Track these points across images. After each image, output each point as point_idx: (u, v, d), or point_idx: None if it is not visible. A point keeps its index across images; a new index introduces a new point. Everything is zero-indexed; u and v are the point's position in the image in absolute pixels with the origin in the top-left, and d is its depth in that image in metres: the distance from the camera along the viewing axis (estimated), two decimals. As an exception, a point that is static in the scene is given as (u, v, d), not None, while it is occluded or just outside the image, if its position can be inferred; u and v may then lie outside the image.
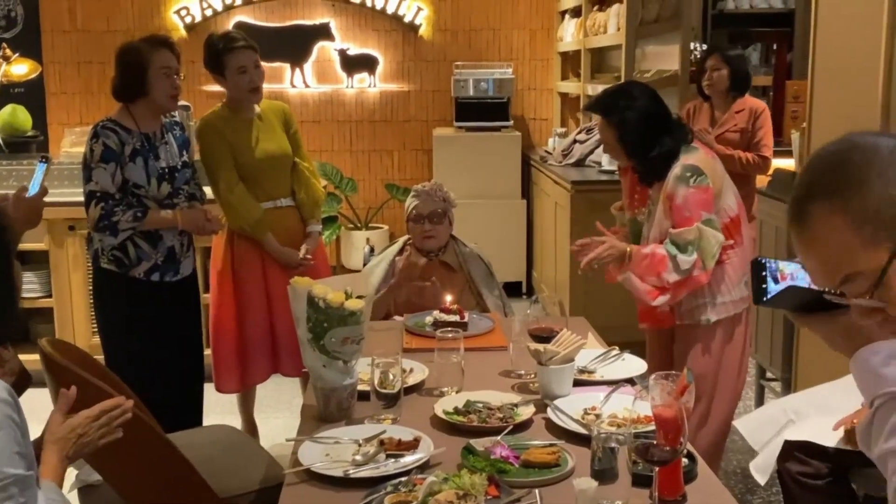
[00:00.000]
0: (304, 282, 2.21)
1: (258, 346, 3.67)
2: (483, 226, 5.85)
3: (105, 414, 1.86)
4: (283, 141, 3.66)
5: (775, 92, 6.61)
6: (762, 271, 1.39)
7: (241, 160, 3.55)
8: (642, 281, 2.85)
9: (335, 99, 6.78)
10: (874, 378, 1.18)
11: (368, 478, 1.85)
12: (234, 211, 3.55)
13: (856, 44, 3.25)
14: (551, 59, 6.90)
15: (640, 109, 2.87)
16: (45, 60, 6.46)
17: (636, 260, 2.83)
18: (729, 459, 3.70)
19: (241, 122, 3.58)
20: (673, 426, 1.68)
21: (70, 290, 4.56)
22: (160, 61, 3.17)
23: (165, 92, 3.19)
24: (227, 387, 3.72)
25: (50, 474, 1.76)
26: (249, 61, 3.51)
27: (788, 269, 1.40)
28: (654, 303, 2.85)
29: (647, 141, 2.85)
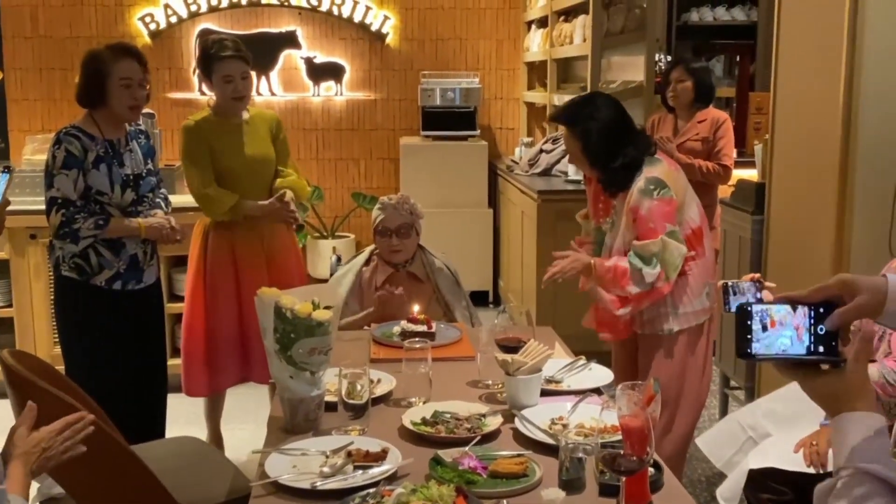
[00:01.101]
0: (271, 292, 2.20)
1: (228, 351, 3.65)
2: (449, 235, 5.86)
3: (69, 427, 1.84)
4: (267, 147, 3.66)
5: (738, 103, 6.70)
6: (748, 320, 1.25)
7: (222, 163, 3.55)
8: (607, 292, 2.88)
9: (301, 107, 6.77)
10: (848, 449, 1.19)
11: (336, 489, 1.84)
12: (209, 201, 3.55)
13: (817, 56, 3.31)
14: (518, 69, 6.94)
15: (603, 120, 2.90)
16: (7, 66, 6.38)
17: (599, 273, 2.87)
18: (693, 468, 3.73)
19: (226, 126, 3.59)
20: (639, 436, 1.70)
21: (31, 299, 4.49)
22: (121, 71, 3.13)
23: (123, 102, 3.16)
24: (195, 390, 3.70)
25: (16, 488, 1.75)
26: (237, 71, 3.51)
27: (778, 314, 1.25)
28: (618, 312, 2.89)
29: (609, 152, 2.89)
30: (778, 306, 1.26)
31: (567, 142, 3.00)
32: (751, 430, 2.64)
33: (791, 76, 3.58)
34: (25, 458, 1.79)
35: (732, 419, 2.84)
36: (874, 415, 1.20)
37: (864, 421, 1.20)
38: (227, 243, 3.61)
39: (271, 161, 3.67)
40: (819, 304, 1.25)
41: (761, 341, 1.24)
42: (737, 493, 2.51)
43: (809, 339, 1.25)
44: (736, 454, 2.67)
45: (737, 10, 6.92)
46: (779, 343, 1.24)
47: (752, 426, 2.63)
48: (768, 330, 1.25)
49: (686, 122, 4.67)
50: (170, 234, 3.30)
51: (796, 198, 3.52)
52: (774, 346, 1.24)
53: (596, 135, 2.89)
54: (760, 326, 1.25)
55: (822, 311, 1.25)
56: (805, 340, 1.25)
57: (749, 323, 1.25)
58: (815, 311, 1.25)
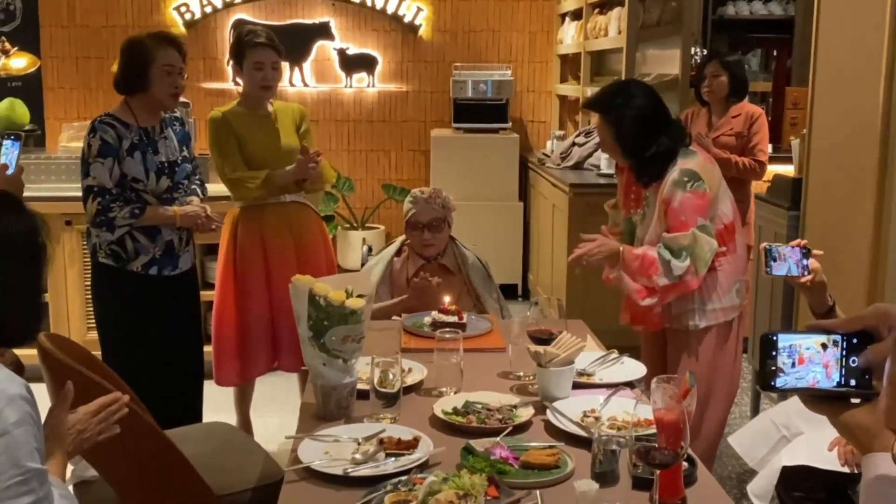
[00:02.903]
0: (305, 280, 2.21)
1: (258, 340, 3.67)
2: (480, 228, 5.85)
3: (104, 409, 1.87)
4: (292, 138, 3.68)
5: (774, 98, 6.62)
6: (772, 351, 1.16)
7: (248, 154, 3.57)
8: (633, 280, 2.85)
9: (333, 98, 6.78)
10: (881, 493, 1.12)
11: (368, 476, 1.84)
12: (240, 184, 3.56)
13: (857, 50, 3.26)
14: (550, 62, 6.90)
15: (638, 108, 2.85)
16: (44, 55, 6.44)
17: (628, 260, 2.82)
18: (724, 464, 3.70)
19: (253, 118, 3.61)
20: (674, 430, 1.68)
21: (66, 285, 4.55)
22: (164, 59, 3.17)
23: (166, 90, 3.19)
24: (226, 380, 3.72)
25: (54, 470, 1.78)
26: (268, 59, 3.52)
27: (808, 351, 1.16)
28: (642, 303, 2.84)
29: (643, 140, 2.84)
30: (807, 342, 1.17)
31: (600, 129, 2.95)
32: (784, 429, 2.60)
33: (830, 70, 3.53)
34: (62, 440, 1.82)
35: (765, 417, 2.80)
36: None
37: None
38: (256, 232, 3.63)
39: (296, 152, 3.68)
40: (853, 335, 1.17)
41: (787, 375, 1.17)
42: (769, 491, 2.48)
43: (840, 371, 1.17)
44: (769, 453, 2.63)
45: (773, 4, 6.83)
46: (807, 377, 1.17)
47: (785, 424, 2.60)
48: (795, 367, 1.17)
49: (720, 117, 4.63)
50: (205, 222, 3.32)
51: (833, 194, 3.47)
52: (802, 379, 1.17)
53: (629, 123, 2.84)
54: (788, 361, 1.17)
55: (855, 342, 1.17)
56: (835, 375, 1.17)
57: (774, 354, 1.16)
58: (849, 342, 1.17)
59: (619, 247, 2.85)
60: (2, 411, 1.56)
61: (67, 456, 1.83)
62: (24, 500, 1.58)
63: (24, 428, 1.58)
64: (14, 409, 1.58)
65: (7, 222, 1.70)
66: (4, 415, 1.57)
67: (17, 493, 1.57)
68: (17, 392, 1.59)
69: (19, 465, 1.57)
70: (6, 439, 1.56)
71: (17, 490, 1.57)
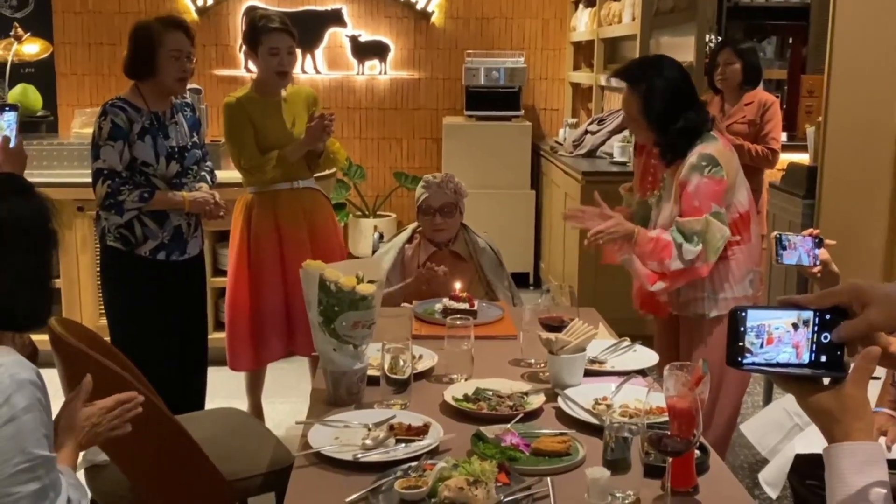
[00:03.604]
0: (316, 265, 2.20)
1: (273, 325, 3.68)
2: (491, 216, 5.82)
3: (119, 405, 1.87)
4: (305, 125, 3.66)
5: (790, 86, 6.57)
6: (741, 326, 1.14)
7: (262, 140, 3.57)
8: (643, 264, 2.81)
9: (345, 86, 6.76)
10: (841, 483, 1.12)
11: (378, 462, 1.84)
12: (256, 168, 3.57)
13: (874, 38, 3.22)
14: (564, 49, 6.86)
15: (668, 80, 2.80)
16: (56, 41, 6.44)
17: (641, 242, 2.78)
18: (736, 454, 3.68)
19: (267, 104, 3.60)
20: (687, 417, 1.67)
21: (78, 271, 4.56)
22: (171, 43, 3.16)
23: (173, 74, 3.18)
24: (241, 365, 3.73)
25: (65, 460, 1.78)
26: (283, 44, 3.52)
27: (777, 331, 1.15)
28: (651, 287, 2.81)
29: (670, 114, 2.79)
30: (777, 322, 1.15)
31: (626, 102, 2.89)
32: (797, 417, 2.57)
33: (846, 58, 3.49)
34: (76, 431, 1.82)
35: (778, 406, 2.78)
36: (868, 445, 1.13)
37: (857, 454, 1.12)
38: (270, 218, 3.63)
39: None
40: (826, 311, 1.16)
41: (755, 356, 1.15)
42: (781, 479, 2.45)
43: (811, 348, 1.16)
44: (781, 442, 2.61)
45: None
46: (777, 357, 1.15)
47: (798, 413, 2.57)
48: (764, 347, 1.15)
49: (733, 105, 4.59)
50: (213, 209, 3.32)
51: (849, 182, 3.44)
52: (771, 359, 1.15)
53: (659, 95, 2.78)
54: (757, 341, 1.15)
55: (828, 318, 1.16)
56: (805, 355, 1.16)
57: (742, 331, 1.14)
58: (822, 318, 1.16)
59: (635, 229, 2.81)
60: (11, 397, 1.56)
61: (79, 447, 1.83)
62: (31, 487, 1.57)
63: (32, 414, 1.58)
64: (24, 395, 1.57)
65: (15, 206, 1.69)
66: (13, 400, 1.56)
67: (24, 480, 1.56)
68: (26, 377, 1.59)
69: (26, 452, 1.57)
70: (14, 425, 1.56)
71: (23, 476, 1.56)
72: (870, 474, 1.12)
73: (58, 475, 1.64)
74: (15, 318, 1.68)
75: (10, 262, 1.65)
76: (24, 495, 1.57)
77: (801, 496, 2.47)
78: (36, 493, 1.58)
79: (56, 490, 1.63)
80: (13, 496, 1.56)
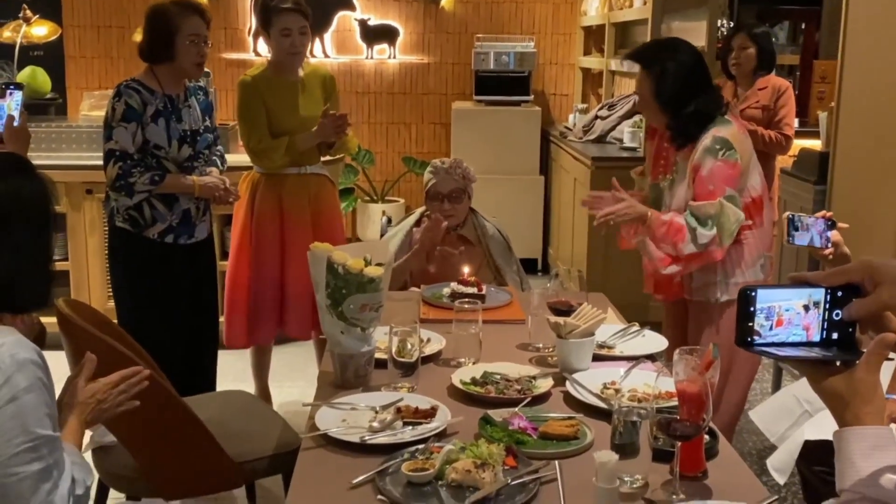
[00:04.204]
0: (323, 247, 2.19)
1: (268, 305, 3.68)
2: (500, 202, 5.80)
3: (125, 381, 1.86)
4: (319, 108, 3.66)
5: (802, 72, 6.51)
6: (750, 307, 1.12)
7: (274, 122, 3.57)
8: (657, 247, 2.79)
9: (354, 70, 6.74)
10: (850, 467, 1.11)
11: (385, 444, 1.83)
12: (265, 154, 3.57)
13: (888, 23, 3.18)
14: (574, 34, 6.82)
15: (682, 63, 2.78)
16: (66, 24, 6.43)
17: (654, 225, 2.76)
18: (744, 441, 3.67)
19: (282, 85, 3.58)
20: (696, 401, 1.65)
21: (86, 253, 4.56)
22: (189, 28, 3.15)
23: (191, 59, 3.18)
24: (234, 341, 3.75)
25: (70, 437, 1.77)
26: (295, 25, 3.50)
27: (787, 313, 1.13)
28: (664, 271, 2.79)
29: (682, 97, 2.76)
30: (787, 303, 1.13)
31: (640, 84, 2.87)
32: (806, 404, 2.55)
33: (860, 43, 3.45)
34: (81, 409, 1.81)
35: (788, 392, 2.76)
36: (878, 429, 1.11)
37: (867, 438, 1.11)
38: (275, 200, 3.62)
39: None
40: (838, 288, 1.14)
41: (764, 338, 1.14)
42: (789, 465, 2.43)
43: (822, 326, 1.15)
44: (790, 428, 2.59)
45: (803, -24, 6.73)
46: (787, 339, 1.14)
47: (808, 399, 2.55)
48: (773, 329, 1.13)
49: (746, 90, 4.56)
50: (223, 194, 3.32)
51: (861, 168, 3.41)
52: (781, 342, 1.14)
53: (672, 77, 2.76)
54: (766, 323, 1.13)
55: (840, 296, 1.14)
56: (816, 336, 1.15)
57: (752, 311, 1.13)
58: (833, 296, 1.14)
59: (647, 211, 2.78)
60: (12, 377, 1.55)
61: (85, 425, 1.83)
62: (34, 467, 1.57)
63: (34, 394, 1.57)
64: (25, 375, 1.56)
65: (17, 185, 1.68)
66: (15, 380, 1.55)
67: (27, 460, 1.56)
68: (27, 357, 1.58)
69: (29, 432, 1.56)
70: (16, 405, 1.55)
71: (26, 456, 1.56)
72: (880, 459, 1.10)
73: (61, 454, 1.64)
74: (15, 297, 1.67)
75: (10, 241, 1.64)
76: (28, 475, 1.57)
77: (810, 482, 2.46)
78: (39, 473, 1.58)
79: (59, 469, 1.62)
80: (16, 476, 1.56)
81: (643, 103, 2.92)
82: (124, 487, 2.47)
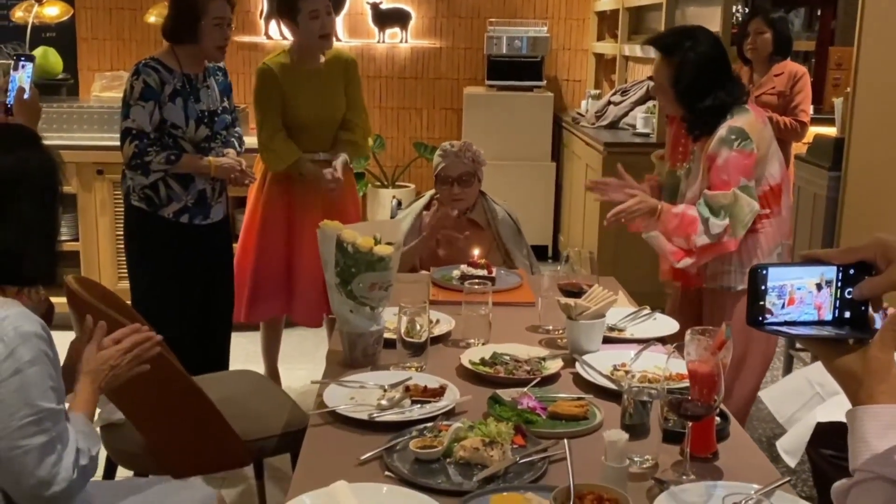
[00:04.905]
0: (333, 225, 2.18)
1: (271, 283, 3.66)
2: (511, 188, 5.77)
3: (137, 346, 1.86)
4: (339, 99, 3.63)
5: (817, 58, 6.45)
6: (761, 285, 1.11)
7: (292, 114, 3.53)
8: (669, 240, 2.76)
9: (366, 54, 6.70)
10: (864, 446, 1.08)
11: (393, 422, 1.82)
12: (273, 155, 3.54)
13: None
14: (588, 19, 6.77)
15: (703, 54, 2.73)
16: (78, 5, 6.41)
17: (666, 218, 2.72)
18: (754, 427, 3.65)
19: (302, 74, 3.55)
20: (708, 381, 1.63)
21: (97, 233, 4.57)
22: (215, 10, 3.14)
23: (214, 42, 3.18)
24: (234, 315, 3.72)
25: (82, 406, 1.77)
26: (322, 6, 3.46)
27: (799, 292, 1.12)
28: (678, 264, 2.76)
29: (700, 89, 2.72)
30: (799, 281, 1.11)
31: (658, 71, 2.83)
32: (818, 387, 2.53)
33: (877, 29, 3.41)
34: (94, 376, 1.81)
35: (800, 375, 2.74)
36: (893, 408, 1.08)
37: (881, 417, 1.08)
38: (285, 184, 3.60)
39: (340, 112, 3.63)
40: (850, 266, 1.12)
41: (776, 316, 1.12)
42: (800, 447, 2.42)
43: (834, 304, 1.13)
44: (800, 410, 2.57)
45: (819, -39, 6.66)
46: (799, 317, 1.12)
47: (820, 382, 2.53)
48: (785, 308, 1.11)
49: (762, 76, 4.52)
50: (239, 176, 3.32)
51: (876, 154, 3.38)
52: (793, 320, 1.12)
53: (691, 68, 2.72)
54: (778, 302, 1.11)
55: (852, 274, 1.12)
56: (827, 315, 1.13)
57: (763, 290, 1.10)
58: (845, 273, 1.12)
59: (658, 204, 2.75)
60: (16, 349, 1.55)
61: (99, 391, 1.82)
62: (38, 440, 1.57)
63: (38, 367, 1.57)
64: (28, 348, 1.56)
65: (24, 157, 1.67)
66: (18, 353, 1.55)
67: (31, 433, 1.56)
68: (31, 330, 1.57)
69: (33, 405, 1.56)
70: (20, 378, 1.55)
71: (30, 429, 1.56)
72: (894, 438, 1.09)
73: (65, 427, 1.64)
74: (20, 270, 1.66)
75: (15, 213, 1.64)
76: (32, 448, 1.56)
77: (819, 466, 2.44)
78: (43, 446, 1.58)
79: (63, 442, 1.62)
80: (21, 449, 1.56)
81: (660, 90, 2.88)
82: (132, 464, 2.48)
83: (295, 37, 3.56)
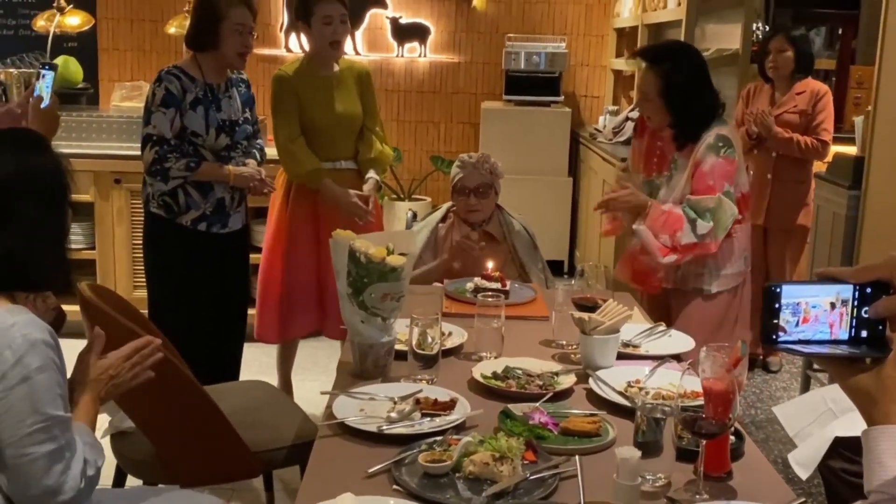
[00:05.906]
0: (345, 234, 2.17)
1: (303, 301, 3.63)
2: (528, 202, 5.74)
3: (136, 353, 1.83)
4: (355, 104, 3.61)
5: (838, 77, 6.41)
6: (775, 303, 1.09)
7: (309, 118, 3.52)
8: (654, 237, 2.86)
9: (385, 68, 6.72)
10: (880, 466, 1.06)
11: (403, 435, 1.80)
12: (292, 157, 3.50)
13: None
14: (607, 35, 6.76)
15: (692, 65, 2.89)
16: (99, 17, 6.46)
17: (654, 214, 2.84)
18: (770, 448, 3.60)
19: (318, 80, 3.54)
20: (723, 399, 1.61)
21: (113, 242, 4.58)
22: (236, 16, 3.16)
23: (235, 49, 3.19)
24: (266, 336, 3.71)
25: (83, 416, 1.75)
26: (336, 13, 3.46)
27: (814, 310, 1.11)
28: (663, 260, 2.86)
29: (688, 97, 2.85)
30: (814, 300, 1.10)
31: (645, 82, 2.93)
32: (832, 403, 2.50)
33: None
34: (94, 386, 1.79)
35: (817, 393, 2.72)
36: None
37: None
38: (310, 196, 3.57)
39: (358, 118, 3.62)
40: (866, 285, 1.11)
41: (790, 334, 1.10)
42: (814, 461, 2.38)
43: (851, 323, 1.11)
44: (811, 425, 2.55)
45: (840, -20, 6.62)
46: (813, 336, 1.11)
47: (833, 399, 2.50)
48: (800, 326, 1.10)
49: (784, 94, 4.48)
50: (258, 185, 3.32)
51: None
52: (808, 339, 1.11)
53: (681, 77, 2.85)
54: (793, 319, 1.10)
55: (868, 293, 1.11)
56: (843, 334, 1.11)
57: (777, 308, 1.09)
58: (862, 292, 1.11)
59: (648, 200, 2.87)
60: (24, 356, 1.54)
61: (99, 402, 1.80)
62: (46, 448, 1.56)
63: (46, 374, 1.56)
64: (36, 355, 1.55)
65: (31, 160, 1.67)
66: (26, 360, 1.54)
67: (39, 440, 1.55)
68: (39, 337, 1.56)
69: (41, 412, 1.55)
70: (28, 385, 1.54)
71: (38, 437, 1.55)
72: None
73: (73, 436, 1.62)
74: (29, 275, 1.65)
75: (23, 217, 1.63)
76: (40, 455, 1.55)
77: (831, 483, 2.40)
78: (51, 454, 1.57)
79: (72, 450, 1.61)
80: (29, 456, 1.55)
81: (646, 101, 2.98)
82: (142, 473, 2.46)
83: (309, 42, 3.59)
